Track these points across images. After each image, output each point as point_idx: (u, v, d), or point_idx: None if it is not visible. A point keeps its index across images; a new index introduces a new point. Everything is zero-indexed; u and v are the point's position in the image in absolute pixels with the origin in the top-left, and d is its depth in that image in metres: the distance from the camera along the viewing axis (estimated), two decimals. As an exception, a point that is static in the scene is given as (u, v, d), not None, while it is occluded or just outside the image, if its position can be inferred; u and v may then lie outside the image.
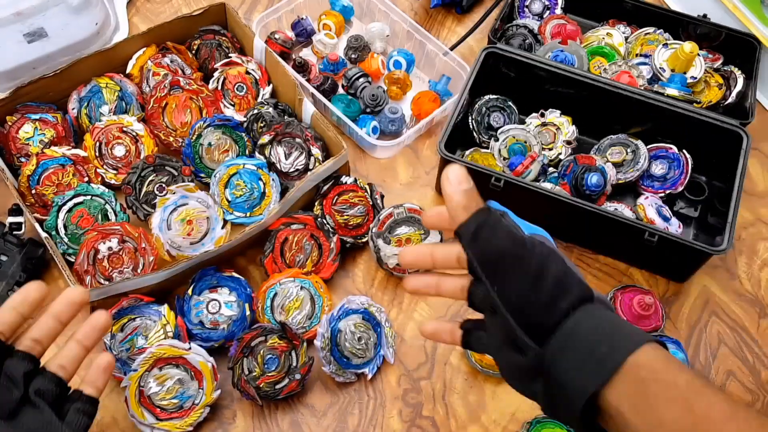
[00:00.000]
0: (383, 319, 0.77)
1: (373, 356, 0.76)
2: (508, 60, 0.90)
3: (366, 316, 0.76)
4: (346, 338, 0.74)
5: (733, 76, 0.96)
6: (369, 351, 0.75)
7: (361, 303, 0.76)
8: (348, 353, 0.74)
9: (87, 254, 0.76)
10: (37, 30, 0.90)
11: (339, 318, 0.74)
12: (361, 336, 0.74)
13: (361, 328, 0.75)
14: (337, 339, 0.74)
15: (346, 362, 0.74)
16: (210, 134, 0.85)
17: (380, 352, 0.76)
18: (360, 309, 0.76)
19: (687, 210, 0.91)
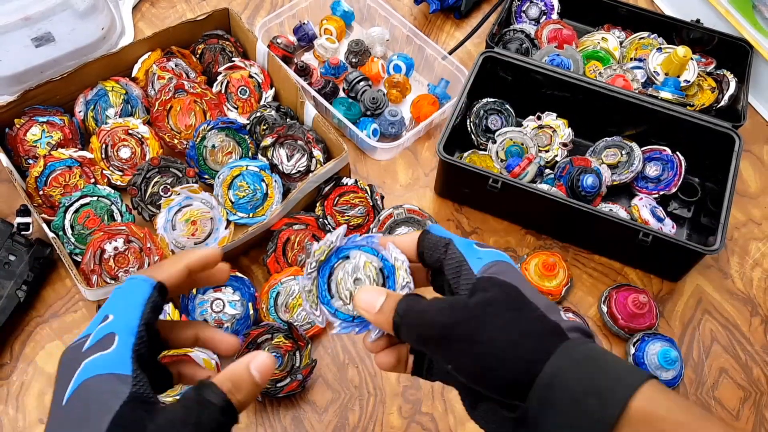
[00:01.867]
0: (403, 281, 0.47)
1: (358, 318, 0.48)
2: (506, 64, 0.91)
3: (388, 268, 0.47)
4: (347, 268, 0.47)
5: (726, 80, 0.96)
6: None
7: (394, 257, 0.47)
8: (334, 284, 0.48)
9: (93, 254, 0.76)
10: (45, 34, 0.90)
11: (358, 246, 0.48)
12: (361, 279, 0.47)
13: (370, 274, 0.47)
14: (333, 267, 0.48)
15: (324, 292, 0.48)
16: (214, 137, 0.86)
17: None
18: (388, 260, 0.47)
19: (680, 211, 0.91)
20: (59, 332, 0.78)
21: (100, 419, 0.33)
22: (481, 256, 0.43)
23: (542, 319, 0.39)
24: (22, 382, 0.75)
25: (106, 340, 0.37)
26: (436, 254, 0.44)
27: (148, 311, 0.39)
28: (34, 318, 0.78)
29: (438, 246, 0.44)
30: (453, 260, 0.43)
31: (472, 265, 0.42)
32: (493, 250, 0.44)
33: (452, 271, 0.43)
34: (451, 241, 0.44)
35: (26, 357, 0.76)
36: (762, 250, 0.90)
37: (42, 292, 0.80)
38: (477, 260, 0.42)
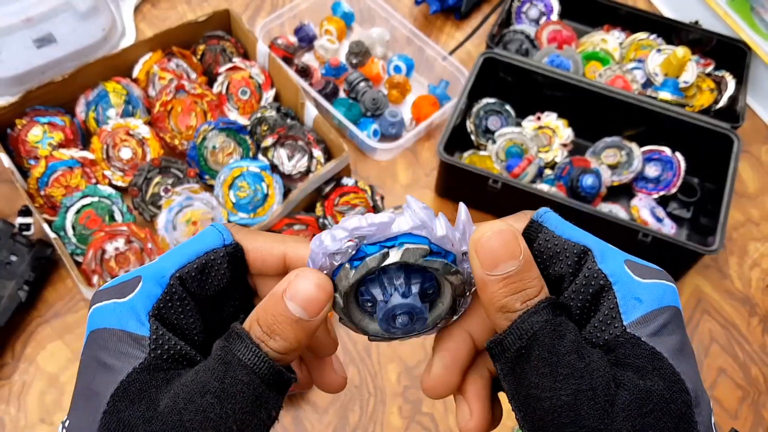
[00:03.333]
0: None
1: None
2: (506, 65, 0.90)
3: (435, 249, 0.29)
4: None
5: (724, 81, 0.96)
6: None
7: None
8: None
9: (94, 254, 0.76)
10: (46, 36, 0.89)
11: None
12: None
13: None
14: None
15: None
16: (214, 137, 0.85)
17: None
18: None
19: (680, 211, 0.91)
20: (60, 332, 0.77)
21: (102, 388, 0.25)
22: (641, 295, 0.27)
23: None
24: (23, 382, 0.74)
25: (128, 284, 0.28)
26: (559, 266, 0.28)
27: (195, 266, 0.28)
28: (36, 318, 0.78)
29: (564, 254, 0.28)
30: (590, 285, 0.27)
31: (622, 306, 0.27)
32: (658, 282, 0.27)
33: (584, 299, 0.27)
34: (589, 252, 0.28)
35: (27, 357, 0.76)
36: (761, 250, 0.90)
37: (43, 292, 0.80)
38: (633, 301, 0.27)
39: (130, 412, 0.25)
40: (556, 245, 0.28)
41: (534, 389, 0.25)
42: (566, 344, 0.25)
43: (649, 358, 0.25)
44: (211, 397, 0.25)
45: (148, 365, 0.26)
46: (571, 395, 0.25)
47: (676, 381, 0.25)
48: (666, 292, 0.27)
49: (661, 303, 0.27)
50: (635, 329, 0.26)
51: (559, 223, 0.29)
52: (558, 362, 0.25)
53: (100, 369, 0.26)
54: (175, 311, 0.28)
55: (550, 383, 0.25)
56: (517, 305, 0.26)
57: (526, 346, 0.26)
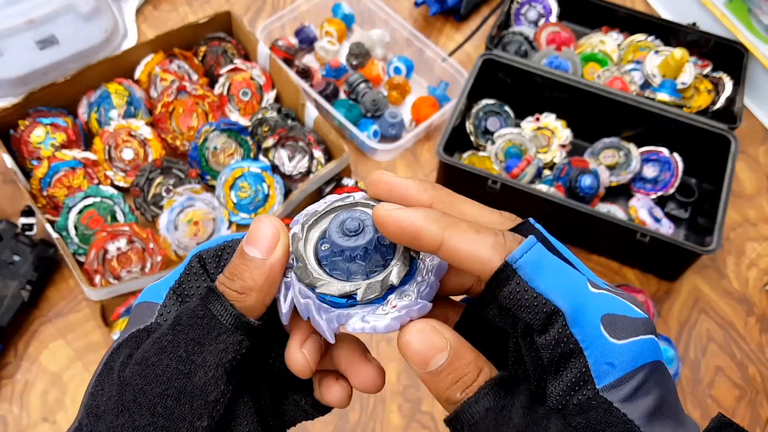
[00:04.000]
0: None
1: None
2: (505, 66, 0.90)
3: None
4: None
5: (722, 82, 0.96)
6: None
7: None
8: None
9: (97, 254, 0.76)
10: (49, 37, 0.90)
11: None
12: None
13: None
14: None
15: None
16: (216, 138, 0.85)
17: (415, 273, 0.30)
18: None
19: (677, 211, 0.91)
20: (63, 331, 0.77)
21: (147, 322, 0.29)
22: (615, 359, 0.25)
23: None
24: (26, 381, 0.74)
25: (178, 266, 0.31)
26: (528, 318, 0.26)
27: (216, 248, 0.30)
28: (38, 317, 0.78)
29: (534, 310, 0.26)
30: (559, 347, 0.26)
31: (594, 371, 0.25)
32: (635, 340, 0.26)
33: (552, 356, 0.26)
34: (560, 313, 0.26)
35: (30, 356, 0.76)
36: (758, 250, 0.90)
37: (46, 291, 0.80)
38: (606, 366, 0.25)
39: (113, 359, 0.28)
40: (525, 299, 0.26)
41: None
42: (512, 428, 0.25)
43: (620, 426, 0.24)
44: (166, 328, 0.28)
45: (147, 327, 0.29)
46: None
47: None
48: (643, 349, 0.25)
49: (636, 363, 0.25)
50: (607, 393, 0.25)
51: (536, 270, 0.26)
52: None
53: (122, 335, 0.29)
54: (192, 285, 0.30)
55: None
56: (457, 395, 0.26)
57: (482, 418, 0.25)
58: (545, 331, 0.26)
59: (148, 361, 0.27)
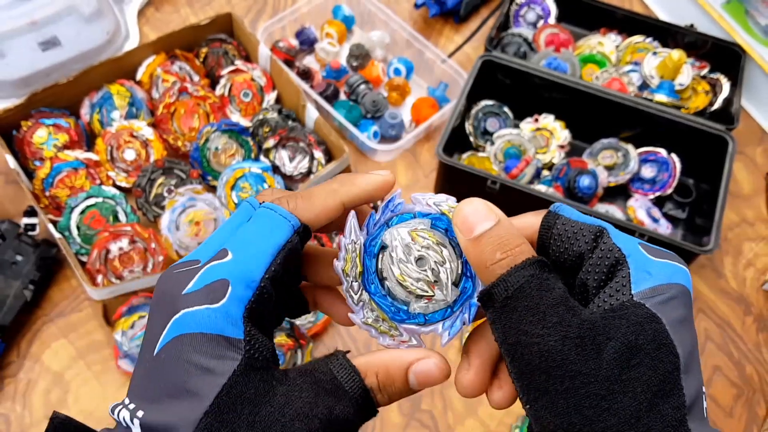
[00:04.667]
0: None
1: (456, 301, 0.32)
2: (504, 67, 0.90)
3: (440, 223, 0.33)
4: (397, 257, 0.32)
5: (719, 83, 0.96)
6: (443, 287, 0.32)
7: (435, 204, 0.33)
8: (397, 286, 0.32)
9: (99, 254, 0.76)
10: (51, 38, 0.90)
11: (387, 224, 0.33)
12: (425, 255, 0.32)
13: (427, 241, 0.32)
14: (379, 259, 0.33)
15: (393, 305, 0.32)
16: (217, 139, 0.85)
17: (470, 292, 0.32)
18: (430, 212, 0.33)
19: (675, 211, 0.91)
20: (65, 331, 0.77)
21: (204, 389, 0.26)
22: (652, 270, 0.28)
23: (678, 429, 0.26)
24: (28, 380, 0.74)
25: (216, 287, 0.27)
26: (577, 246, 0.29)
27: (279, 263, 0.29)
28: (41, 317, 0.78)
29: (582, 234, 0.29)
30: (606, 258, 0.28)
31: (635, 277, 0.28)
32: (668, 262, 0.29)
33: (600, 272, 0.28)
34: (605, 231, 0.29)
35: (33, 355, 0.76)
36: (755, 250, 0.90)
37: (48, 291, 0.80)
38: (643, 273, 0.28)
39: (233, 414, 0.26)
40: (573, 227, 0.29)
41: (522, 335, 0.27)
42: (554, 297, 0.27)
43: (648, 319, 0.26)
44: (318, 422, 0.27)
45: (246, 367, 0.27)
46: (559, 341, 0.26)
47: (666, 344, 0.26)
48: (677, 271, 0.28)
49: (671, 279, 0.28)
50: (642, 297, 0.27)
51: (574, 212, 0.30)
52: (545, 312, 0.27)
53: (197, 371, 0.27)
54: (264, 310, 0.29)
55: (538, 330, 0.26)
56: (497, 255, 0.28)
57: (512, 296, 0.27)
58: (594, 253, 0.29)
59: None
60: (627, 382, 0.26)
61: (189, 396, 0.26)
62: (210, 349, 0.27)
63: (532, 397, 0.27)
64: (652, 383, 0.26)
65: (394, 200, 0.32)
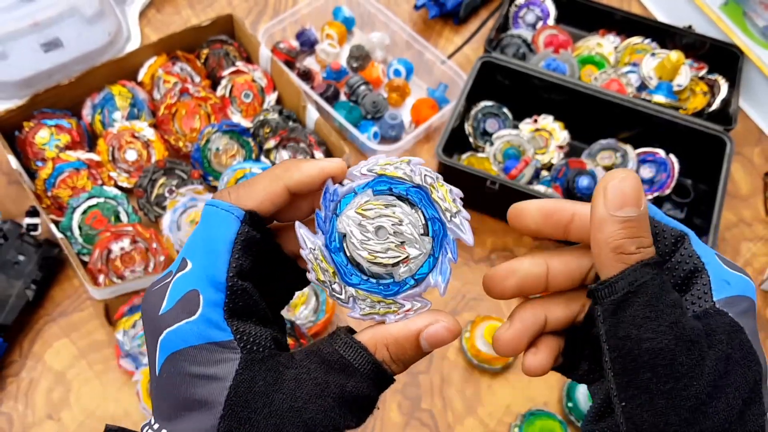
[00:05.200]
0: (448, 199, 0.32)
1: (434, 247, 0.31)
2: (503, 68, 0.90)
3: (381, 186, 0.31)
4: (357, 240, 0.31)
5: (717, 84, 0.96)
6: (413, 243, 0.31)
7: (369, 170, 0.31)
8: (373, 266, 0.31)
9: (100, 254, 0.76)
10: (53, 40, 0.90)
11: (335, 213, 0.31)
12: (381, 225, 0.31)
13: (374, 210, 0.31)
14: (345, 249, 0.31)
15: (380, 284, 0.31)
16: (218, 139, 0.86)
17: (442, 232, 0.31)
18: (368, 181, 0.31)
19: (674, 212, 0.91)
20: (67, 330, 0.78)
21: (212, 396, 0.26)
22: (730, 279, 0.29)
23: None
24: (30, 379, 0.74)
25: (188, 300, 0.27)
26: (658, 246, 0.29)
27: (239, 256, 0.28)
28: (43, 316, 0.78)
29: (663, 236, 0.30)
30: (686, 263, 0.29)
31: (715, 285, 0.29)
32: (742, 276, 0.30)
33: (678, 276, 0.29)
34: (686, 236, 0.30)
35: (35, 354, 0.76)
36: (753, 250, 0.90)
37: (50, 291, 0.80)
38: (723, 283, 0.29)
39: (248, 411, 0.26)
40: (656, 227, 0.29)
41: (635, 330, 0.27)
42: (673, 298, 0.27)
43: (735, 331, 0.27)
44: (331, 400, 0.27)
45: (246, 362, 0.27)
46: (672, 341, 0.26)
47: (752, 353, 0.28)
48: (748, 285, 0.30)
49: (745, 292, 0.29)
50: (723, 306, 0.28)
51: (657, 211, 0.30)
52: (663, 311, 0.27)
53: (200, 381, 0.27)
54: (244, 303, 0.28)
55: (654, 327, 0.27)
56: (632, 248, 0.27)
57: (635, 291, 0.27)
58: (671, 256, 0.29)
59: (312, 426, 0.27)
60: (722, 389, 0.26)
61: (201, 406, 0.27)
62: (205, 358, 0.27)
63: (630, 394, 0.27)
64: (743, 391, 0.27)
65: (329, 189, 0.31)
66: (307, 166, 0.30)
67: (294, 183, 0.30)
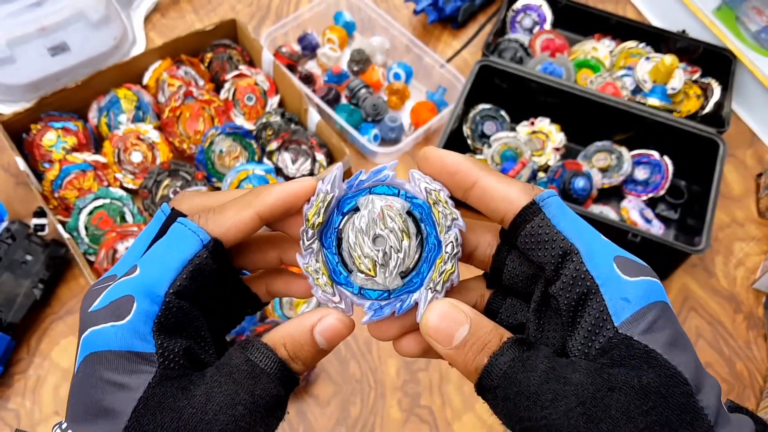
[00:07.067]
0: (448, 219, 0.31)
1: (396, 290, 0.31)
2: (501, 72, 0.91)
3: (417, 209, 0.31)
4: (358, 225, 0.31)
5: (711, 88, 0.96)
6: (387, 273, 0.31)
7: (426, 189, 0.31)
8: (346, 252, 0.31)
9: (106, 253, 0.76)
10: (60, 44, 0.90)
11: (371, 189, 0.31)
12: (384, 237, 0.30)
13: (393, 224, 0.30)
14: (340, 228, 0.31)
15: (339, 265, 0.32)
16: (221, 141, 0.86)
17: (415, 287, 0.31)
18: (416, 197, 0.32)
19: (668, 212, 0.91)
20: (73, 328, 0.78)
21: (120, 405, 0.25)
22: (628, 294, 0.26)
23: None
24: (38, 376, 0.74)
25: (121, 304, 0.27)
26: (543, 256, 0.28)
27: (186, 277, 0.28)
28: (50, 315, 0.78)
29: (551, 246, 0.27)
30: (577, 285, 0.27)
31: (611, 307, 0.26)
32: (642, 279, 0.27)
33: (571, 297, 0.27)
34: (576, 252, 0.27)
35: (42, 352, 0.76)
36: (745, 249, 0.90)
37: (57, 290, 0.80)
38: (621, 302, 0.26)
39: (153, 425, 0.25)
40: (546, 234, 0.27)
41: (527, 421, 0.25)
42: (540, 374, 0.25)
43: (644, 357, 0.25)
44: (242, 408, 0.26)
45: (161, 378, 0.26)
46: (563, 416, 0.24)
47: (671, 375, 0.25)
48: (652, 288, 0.27)
49: (649, 300, 0.26)
50: (626, 329, 0.25)
51: (559, 210, 0.28)
52: (538, 392, 0.25)
53: (111, 388, 0.26)
54: (177, 320, 0.28)
55: (539, 413, 0.25)
56: (485, 360, 0.27)
57: (500, 386, 0.26)
58: (558, 268, 0.27)
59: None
60: (648, 430, 0.24)
61: (106, 414, 0.26)
62: (121, 366, 0.26)
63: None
64: (673, 423, 0.24)
65: (385, 170, 0.31)
66: (277, 189, 0.30)
67: (266, 208, 0.29)
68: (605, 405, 0.24)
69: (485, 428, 0.74)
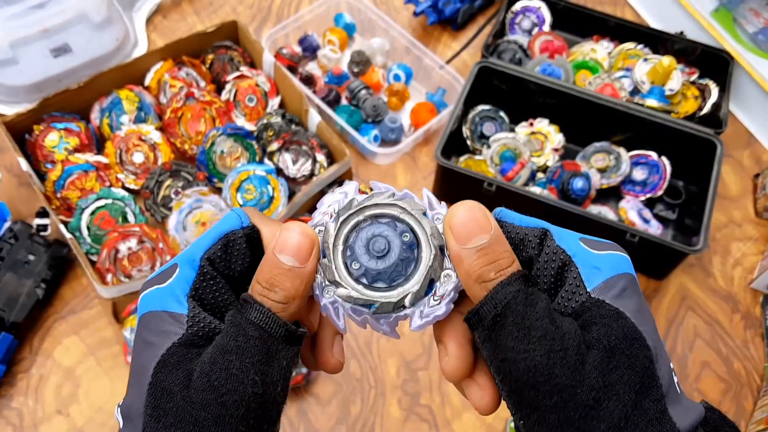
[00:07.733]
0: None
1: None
2: (500, 73, 0.91)
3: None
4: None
5: (708, 89, 0.96)
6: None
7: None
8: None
9: (108, 253, 0.76)
10: (62, 45, 0.90)
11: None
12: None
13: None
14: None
15: None
16: (222, 142, 0.86)
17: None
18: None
19: (666, 213, 0.91)
20: (76, 328, 0.78)
21: (148, 364, 0.27)
22: (599, 264, 0.28)
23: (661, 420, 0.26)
24: (40, 375, 0.75)
25: (168, 271, 0.29)
26: (526, 252, 0.29)
27: (220, 246, 0.30)
28: (52, 314, 0.78)
29: (528, 239, 0.29)
30: (552, 261, 0.28)
31: (584, 274, 0.28)
32: (611, 253, 0.29)
33: (548, 275, 0.29)
34: (548, 232, 0.29)
35: (44, 351, 0.76)
36: (742, 249, 0.90)
37: (59, 289, 0.80)
38: (593, 269, 0.28)
39: (170, 380, 0.27)
40: (519, 233, 0.29)
41: (510, 352, 0.26)
42: (538, 311, 0.26)
43: (614, 317, 0.26)
44: (230, 355, 0.27)
45: (185, 340, 0.28)
46: (545, 355, 0.25)
47: (638, 338, 0.26)
48: (620, 261, 0.28)
49: (618, 270, 0.28)
50: (599, 294, 0.27)
51: (515, 216, 0.30)
52: (531, 326, 0.26)
53: (145, 347, 0.28)
54: (210, 289, 0.29)
55: (525, 346, 0.26)
56: (491, 275, 0.27)
57: (501, 314, 0.27)
58: (541, 256, 0.29)
59: (218, 385, 0.26)
60: (611, 387, 0.25)
61: (142, 371, 0.28)
62: (155, 325, 0.28)
63: (524, 413, 0.26)
64: (634, 383, 0.25)
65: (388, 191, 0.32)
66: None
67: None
68: (581, 357, 0.25)
69: (484, 427, 0.74)
